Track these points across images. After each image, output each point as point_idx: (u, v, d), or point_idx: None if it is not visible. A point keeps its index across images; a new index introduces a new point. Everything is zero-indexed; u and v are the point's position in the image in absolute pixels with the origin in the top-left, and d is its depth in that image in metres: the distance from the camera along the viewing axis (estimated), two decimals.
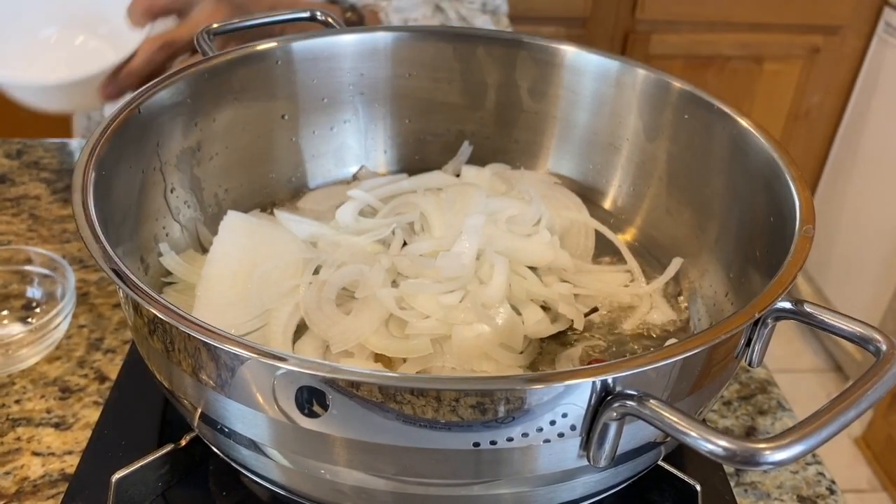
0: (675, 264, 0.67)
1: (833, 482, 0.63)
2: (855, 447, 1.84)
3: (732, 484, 0.62)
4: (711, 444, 0.35)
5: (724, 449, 0.34)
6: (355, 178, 0.78)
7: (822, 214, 2.13)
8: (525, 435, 0.41)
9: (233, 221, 0.64)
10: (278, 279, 0.61)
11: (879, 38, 1.91)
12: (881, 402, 1.73)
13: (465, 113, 0.75)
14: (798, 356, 2.07)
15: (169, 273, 0.63)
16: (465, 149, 0.77)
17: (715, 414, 0.68)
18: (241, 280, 0.60)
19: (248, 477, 0.51)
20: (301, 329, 0.59)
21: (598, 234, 0.72)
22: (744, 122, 0.60)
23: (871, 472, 1.78)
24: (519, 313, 0.61)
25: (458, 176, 0.76)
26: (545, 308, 0.63)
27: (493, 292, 0.60)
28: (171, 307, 0.41)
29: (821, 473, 0.64)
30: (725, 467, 0.62)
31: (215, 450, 0.51)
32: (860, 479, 1.78)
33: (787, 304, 0.43)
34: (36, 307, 0.72)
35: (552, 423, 0.40)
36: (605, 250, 0.71)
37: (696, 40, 1.88)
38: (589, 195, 0.74)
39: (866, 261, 1.98)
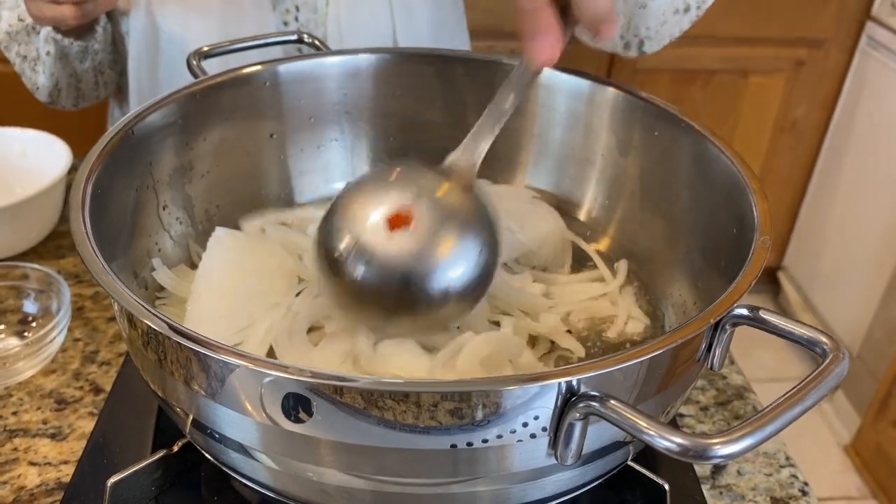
0: (623, 266, 0.71)
1: (806, 484, 0.65)
2: (844, 455, 1.85)
3: (708, 486, 0.64)
4: (667, 441, 0.37)
5: (678, 445, 0.37)
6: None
7: (809, 225, 2.16)
8: (499, 437, 0.43)
9: (220, 237, 0.66)
10: (265, 292, 0.63)
11: (862, 51, 1.94)
12: (869, 411, 1.75)
13: (447, 130, 0.77)
14: (786, 365, 2.09)
15: (162, 289, 0.65)
16: None
17: (692, 419, 0.70)
18: (228, 294, 0.62)
19: (238, 481, 0.53)
20: None
21: (575, 248, 0.74)
22: (708, 137, 0.62)
23: (861, 480, 1.79)
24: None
25: None
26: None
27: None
28: (165, 319, 0.44)
29: (794, 476, 0.66)
30: (698, 469, 0.64)
31: (207, 455, 0.53)
32: (849, 486, 1.79)
33: (744, 311, 0.46)
34: (32, 322, 0.74)
35: (525, 424, 0.43)
36: (581, 262, 0.74)
37: (681, 55, 1.90)
38: (565, 207, 0.76)
39: (854, 270, 2.00)
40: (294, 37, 0.78)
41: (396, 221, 0.52)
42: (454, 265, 0.53)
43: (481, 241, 0.55)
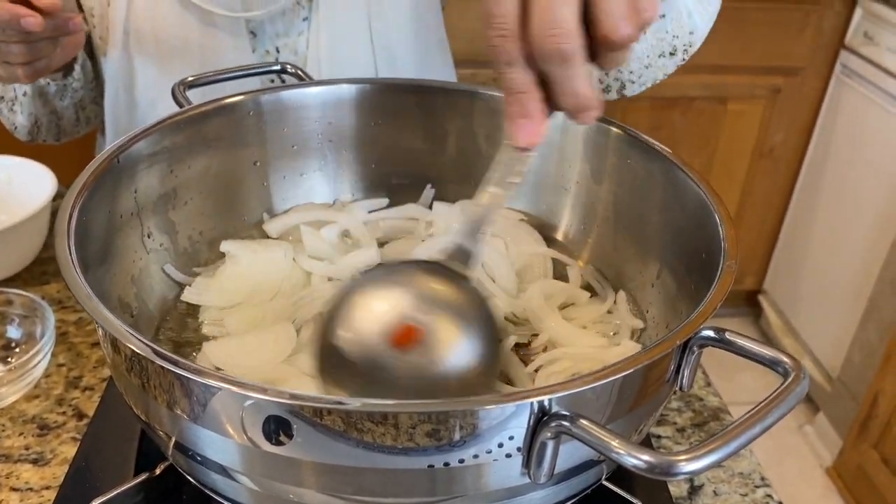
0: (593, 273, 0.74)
1: (780, 503, 0.67)
2: (826, 477, 1.86)
3: None
4: (634, 459, 0.38)
5: (646, 462, 0.38)
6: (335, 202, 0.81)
7: (789, 249, 2.19)
8: (476, 456, 0.44)
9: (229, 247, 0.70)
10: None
11: (837, 78, 1.99)
12: (850, 433, 1.77)
13: (428, 158, 0.79)
14: (769, 388, 2.10)
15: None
16: (428, 192, 0.81)
17: (669, 440, 0.71)
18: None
19: (219, 503, 0.53)
20: None
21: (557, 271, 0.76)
22: (679, 165, 0.64)
23: (843, 503, 1.80)
24: None
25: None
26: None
27: None
28: (149, 344, 0.45)
29: (769, 496, 0.67)
30: (674, 489, 0.65)
31: (188, 477, 0.53)
32: None
33: (710, 333, 0.47)
34: (15, 347, 0.75)
35: (500, 445, 0.44)
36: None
37: (661, 83, 1.93)
38: (541, 229, 0.78)
39: (833, 293, 2.03)
40: (277, 67, 0.80)
41: (402, 339, 0.52)
42: (461, 365, 0.53)
43: (480, 334, 0.55)
